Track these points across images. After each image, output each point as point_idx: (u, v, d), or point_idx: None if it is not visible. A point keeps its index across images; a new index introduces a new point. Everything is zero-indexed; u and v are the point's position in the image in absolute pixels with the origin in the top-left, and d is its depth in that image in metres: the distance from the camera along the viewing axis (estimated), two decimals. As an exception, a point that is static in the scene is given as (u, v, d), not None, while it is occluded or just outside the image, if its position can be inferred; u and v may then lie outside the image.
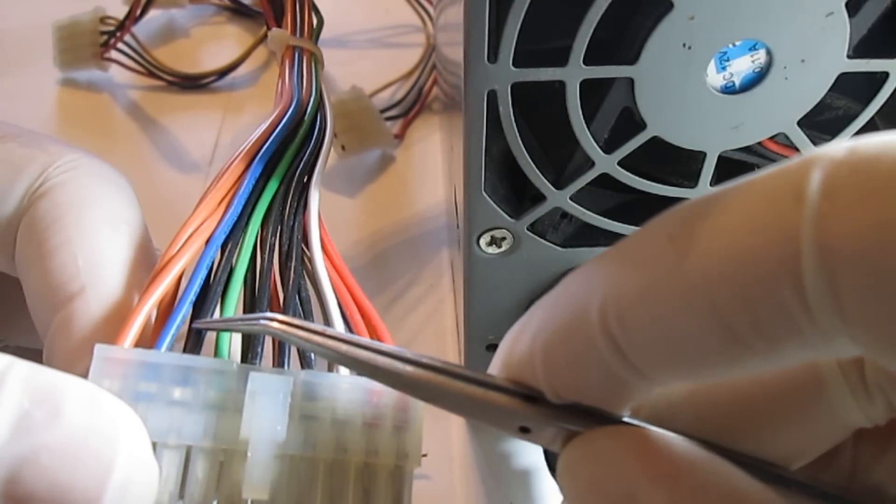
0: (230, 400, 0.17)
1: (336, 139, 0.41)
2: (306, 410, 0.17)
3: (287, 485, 0.17)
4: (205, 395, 0.17)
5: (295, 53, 0.31)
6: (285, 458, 0.17)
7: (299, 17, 0.33)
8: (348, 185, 0.43)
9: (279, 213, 0.22)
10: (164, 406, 0.16)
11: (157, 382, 0.17)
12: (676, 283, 0.12)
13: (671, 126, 0.22)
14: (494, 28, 0.20)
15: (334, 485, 0.17)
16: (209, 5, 0.54)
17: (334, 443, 0.17)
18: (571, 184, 0.23)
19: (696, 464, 0.14)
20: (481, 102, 0.21)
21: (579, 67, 0.20)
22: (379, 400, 0.18)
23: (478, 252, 0.25)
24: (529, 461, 0.32)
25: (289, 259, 0.21)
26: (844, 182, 0.11)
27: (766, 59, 0.21)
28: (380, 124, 0.43)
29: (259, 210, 0.22)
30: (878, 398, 0.15)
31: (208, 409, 0.17)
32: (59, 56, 0.47)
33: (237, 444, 0.17)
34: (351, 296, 0.21)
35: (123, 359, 0.17)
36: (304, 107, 0.26)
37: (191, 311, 0.19)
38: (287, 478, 0.17)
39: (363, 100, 0.43)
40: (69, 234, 0.20)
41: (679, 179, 0.24)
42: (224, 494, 0.16)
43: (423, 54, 0.49)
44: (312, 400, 0.17)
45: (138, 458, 0.15)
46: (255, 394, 0.17)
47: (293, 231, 0.21)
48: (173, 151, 0.45)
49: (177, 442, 0.16)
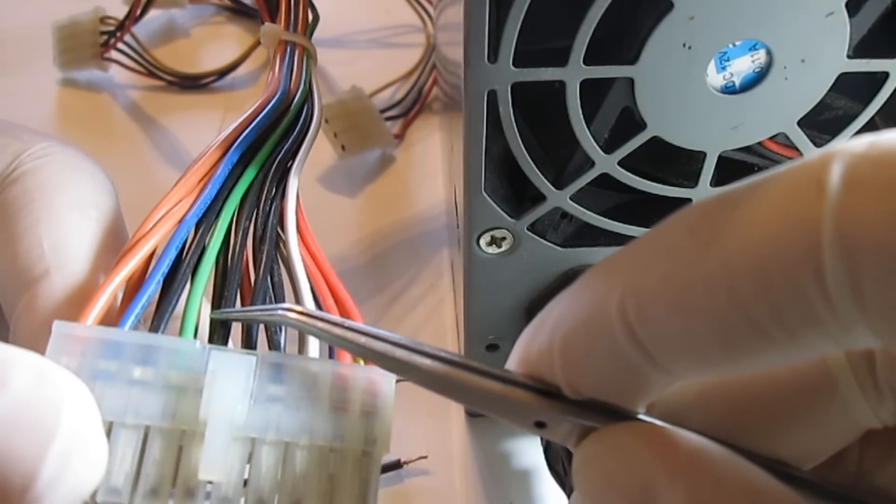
0: (191, 380, 0.16)
1: (336, 139, 0.41)
2: (270, 392, 0.17)
3: (245, 468, 0.16)
4: (165, 375, 0.16)
5: (287, 48, 0.30)
6: (246, 441, 0.16)
7: (293, 12, 0.33)
8: (348, 185, 0.43)
9: (256, 197, 0.21)
10: (122, 385, 0.16)
11: (116, 361, 0.16)
12: (697, 273, 0.12)
13: (671, 126, 0.22)
14: (494, 28, 0.20)
15: (297, 469, 0.16)
16: (209, 5, 0.54)
17: (298, 426, 0.17)
18: (571, 184, 0.23)
19: (714, 458, 0.14)
20: (481, 102, 0.21)
21: (579, 67, 0.20)
22: (347, 384, 0.17)
23: (478, 252, 0.25)
24: (529, 461, 0.32)
25: (262, 243, 0.20)
26: (865, 174, 0.11)
27: (766, 59, 0.21)
28: (380, 124, 0.43)
29: (235, 194, 0.21)
30: (888, 397, 0.15)
31: (168, 390, 0.16)
32: (59, 56, 0.47)
33: (196, 426, 0.16)
34: (326, 282, 0.20)
35: (82, 336, 0.16)
36: (291, 97, 0.26)
37: (159, 290, 0.19)
38: (245, 461, 0.16)
39: (363, 100, 0.43)
40: (37, 217, 0.20)
41: (679, 179, 0.24)
42: (182, 476, 0.16)
43: (423, 54, 0.49)
44: (277, 382, 0.17)
45: (83, 429, 0.15)
46: (216, 373, 0.16)
47: (269, 216, 0.21)
48: (173, 151, 0.45)
49: (134, 421, 0.16)
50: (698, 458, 0.14)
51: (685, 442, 0.14)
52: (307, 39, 0.32)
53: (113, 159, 0.45)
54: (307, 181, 0.43)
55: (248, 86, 0.49)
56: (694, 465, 0.14)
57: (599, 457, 0.14)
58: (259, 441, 0.16)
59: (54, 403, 0.15)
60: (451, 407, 0.33)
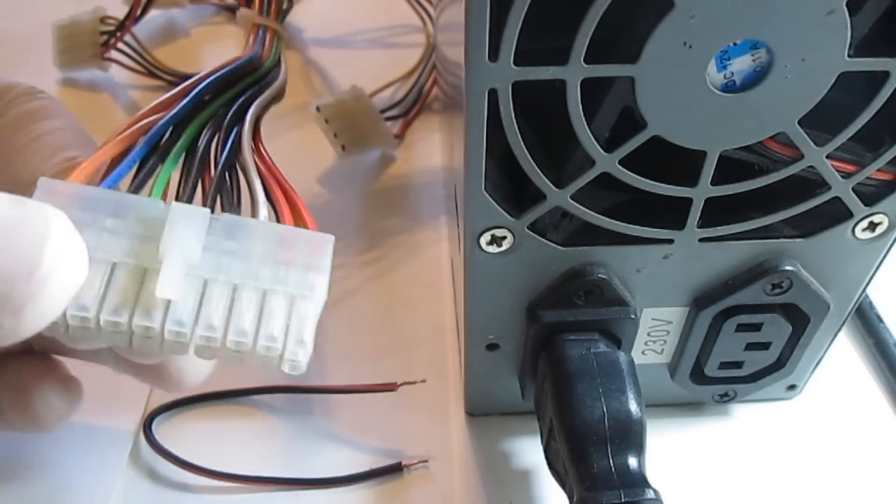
0: (154, 230, 0.19)
1: (336, 139, 0.41)
2: (223, 246, 0.20)
3: (197, 301, 0.19)
4: (133, 225, 0.19)
5: (259, 30, 0.34)
6: (200, 280, 0.19)
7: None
8: (348, 185, 0.43)
9: (220, 118, 0.25)
10: (95, 231, 0.19)
11: (91, 212, 0.19)
12: None
13: (672, 125, 0.22)
14: (495, 27, 0.20)
15: (243, 306, 0.19)
16: (209, 5, 0.54)
17: (245, 272, 0.20)
18: (572, 183, 0.23)
19: None
20: (482, 101, 0.21)
21: (580, 66, 0.20)
22: (292, 243, 0.20)
23: (478, 251, 0.25)
24: (529, 461, 0.32)
25: (222, 149, 0.24)
26: None
27: (767, 58, 0.21)
28: (380, 124, 0.43)
29: (204, 113, 0.25)
30: None
31: (135, 236, 0.19)
32: (59, 56, 0.47)
33: (156, 264, 0.19)
34: (279, 186, 0.23)
35: (64, 191, 0.19)
36: (262, 61, 0.30)
37: (137, 163, 0.22)
38: (198, 294, 0.19)
39: (363, 100, 0.43)
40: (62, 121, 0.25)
41: (679, 179, 0.24)
42: (141, 300, 0.19)
43: (423, 54, 0.49)
44: (229, 238, 0.20)
45: (71, 232, 0.18)
46: (175, 220, 0.19)
47: (231, 132, 0.24)
48: (173, 151, 0.45)
49: (103, 256, 0.19)
50: None
51: None
52: (279, 24, 0.36)
53: (113, 159, 0.45)
54: (308, 182, 0.43)
55: (248, 86, 0.49)
56: None
57: None
58: (210, 281, 0.19)
59: (44, 212, 0.17)
60: (451, 407, 0.33)
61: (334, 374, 0.34)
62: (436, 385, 0.34)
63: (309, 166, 0.44)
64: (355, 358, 0.35)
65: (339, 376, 0.34)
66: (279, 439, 0.32)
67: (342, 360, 0.35)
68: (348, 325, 0.36)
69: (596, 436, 0.25)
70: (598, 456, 0.25)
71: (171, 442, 0.31)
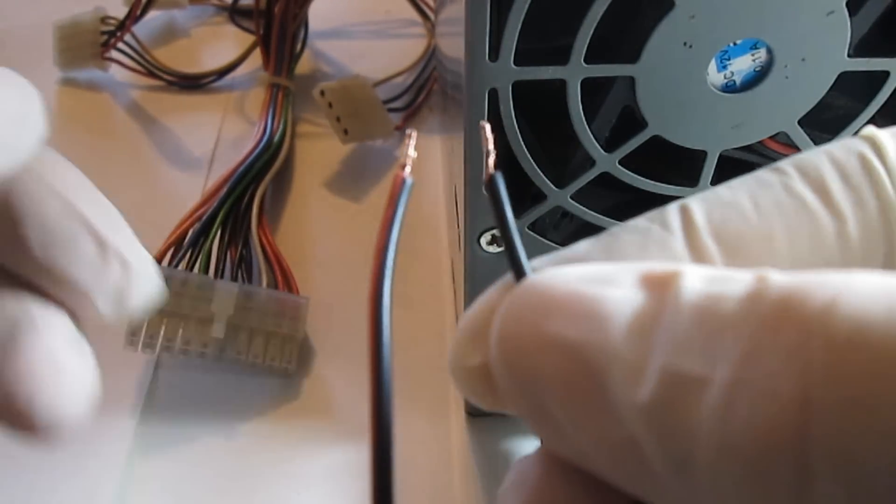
0: (208, 295, 0.32)
1: (339, 123, 0.42)
2: (245, 305, 0.32)
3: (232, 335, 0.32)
4: (194, 291, 0.32)
5: (272, 91, 0.43)
6: (233, 326, 0.32)
7: (279, 56, 0.45)
8: (349, 186, 0.43)
9: (237, 209, 0.37)
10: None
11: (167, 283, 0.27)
12: None
13: (672, 125, 0.22)
14: (495, 27, 0.20)
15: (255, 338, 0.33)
16: (209, 5, 0.54)
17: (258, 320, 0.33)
18: (572, 183, 0.23)
19: None
20: (482, 101, 0.21)
21: (580, 66, 0.20)
22: (285, 304, 0.33)
23: (478, 251, 0.25)
24: (529, 461, 0.32)
25: (238, 231, 0.37)
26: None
27: (767, 57, 0.21)
28: (382, 113, 0.43)
29: (224, 210, 0.36)
30: None
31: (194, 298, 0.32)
32: (60, 56, 0.47)
33: (211, 315, 0.32)
34: (274, 255, 0.36)
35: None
36: (272, 139, 0.41)
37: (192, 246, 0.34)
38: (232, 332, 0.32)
39: (366, 88, 0.43)
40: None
41: (680, 178, 0.24)
42: (202, 337, 0.32)
43: (422, 54, 0.49)
44: (248, 299, 0.33)
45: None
46: (219, 289, 0.32)
47: (246, 215, 0.37)
48: (173, 151, 0.45)
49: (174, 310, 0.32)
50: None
51: None
52: (289, 80, 0.45)
53: (113, 159, 0.45)
54: (310, 184, 0.43)
55: (248, 86, 0.49)
56: None
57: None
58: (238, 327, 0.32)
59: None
60: (451, 407, 0.33)
61: (334, 374, 0.34)
62: (436, 385, 0.34)
63: (310, 169, 0.44)
64: (355, 358, 0.35)
65: (339, 376, 0.34)
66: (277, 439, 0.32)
67: (342, 360, 0.35)
68: (348, 325, 0.36)
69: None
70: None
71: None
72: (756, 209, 0.14)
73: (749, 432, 0.10)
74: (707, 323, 0.11)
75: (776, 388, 0.10)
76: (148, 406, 0.33)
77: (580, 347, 0.12)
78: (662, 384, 0.11)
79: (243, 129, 0.46)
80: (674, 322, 0.11)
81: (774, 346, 0.10)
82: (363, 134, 0.42)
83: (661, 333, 0.11)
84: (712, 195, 0.14)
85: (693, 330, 0.11)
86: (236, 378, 0.34)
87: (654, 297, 0.11)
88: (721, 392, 0.10)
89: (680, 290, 0.11)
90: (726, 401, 0.10)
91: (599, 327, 0.12)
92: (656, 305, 0.11)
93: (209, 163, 0.44)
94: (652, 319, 0.11)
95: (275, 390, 0.34)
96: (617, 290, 0.12)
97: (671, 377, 0.11)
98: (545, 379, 0.12)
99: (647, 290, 0.12)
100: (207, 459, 0.31)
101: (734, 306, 0.11)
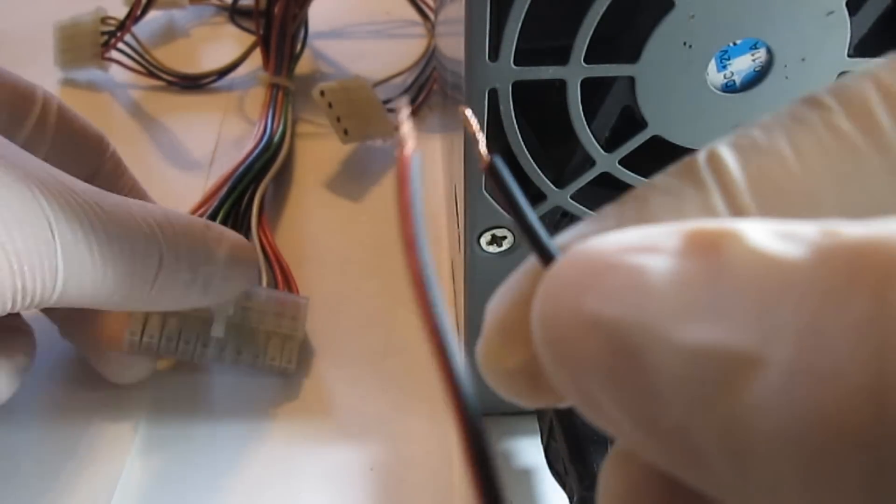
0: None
1: (339, 123, 0.42)
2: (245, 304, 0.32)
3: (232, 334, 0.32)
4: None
5: (273, 91, 0.44)
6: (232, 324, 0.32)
7: (279, 57, 0.45)
8: (349, 186, 0.43)
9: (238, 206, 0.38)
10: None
11: None
12: None
13: (672, 125, 0.22)
14: (495, 26, 0.20)
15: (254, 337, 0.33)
16: (209, 5, 0.54)
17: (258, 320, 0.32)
18: (572, 183, 0.23)
19: None
20: (482, 101, 0.21)
21: (580, 66, 0.20)
22: (285, 304, 0.33)
23: (478, 251, 0.25)
24: (529, 461, 0.32)
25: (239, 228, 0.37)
26: None
27: (767, 57, 0.21)
28: (382, 113, 0.43)
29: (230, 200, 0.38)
30: None
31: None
32: (60, 56, 0.47)
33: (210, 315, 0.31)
34: (273, 253, 0.36)
35: None
36: (272, 139, 0.41)
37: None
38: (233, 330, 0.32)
39: (366, 88, 0.43)
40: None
41: (679, 178, 0.24)
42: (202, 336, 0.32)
43: (422, 54, 0.49)
44: (248, 299, 0.32)
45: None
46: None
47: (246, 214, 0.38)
48: (173, 151, 0.45)
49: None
50: None
51: None
52: (289, 79, 0.45)
53: (113, 159, 0.45)
54: (310, 184, 0.43)
55: (249, 86, 0.49)
56: None
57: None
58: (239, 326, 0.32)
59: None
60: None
61: (335, 375, 0.34)
62: (435, 385, 0.34)
63: (312, 171, 0.44)
64: (356, 358, 0.35)
65: (339, 376, 0.34)
66: (277, 439, 0.32)
67: (342, 360, 0.35)
68: (348, 326, 0.36)
69: (596, 436, 0.25)
70: (598, 456, 0.25)
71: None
72: (797, 156, 0.12)
73: (812, 420, 0.09)
74: (766, 291, 0.09)
75: (845, 368, 0.09)
76: (148, 406, 0.33)
77: (619, 326, 0.10)
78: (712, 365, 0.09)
79: (243, 129, 0.46)
80: (725, 292, 0.10)
81: (843, 319, 0.09)
82: (363, 134, 0.42)
83: (709, 306, 0.10)
84: (745, 139, 0.12)
85: (748, 301, 0.09)
86: (236, 378, 0.34)
87: (702, 263, 0.10)
88: (780, 374, 0.09)
89: (733, 253, 0.10)
90: (786, 384, 0.09)
91: (639, 303, 0.10)
92: (704, 273, 0.10)
93: (209, 163, 0.44)
94: (699, 290, 0.10)
95: (275, 390, 0.34)
96: (659, 257, 0.10)
97: (723, 357, 0.09)
98: (586, 363, 0.11)
99: (694, 256, 0.10)
100: (207, 459, 0.31)
101: (796, 269, 0.09)
